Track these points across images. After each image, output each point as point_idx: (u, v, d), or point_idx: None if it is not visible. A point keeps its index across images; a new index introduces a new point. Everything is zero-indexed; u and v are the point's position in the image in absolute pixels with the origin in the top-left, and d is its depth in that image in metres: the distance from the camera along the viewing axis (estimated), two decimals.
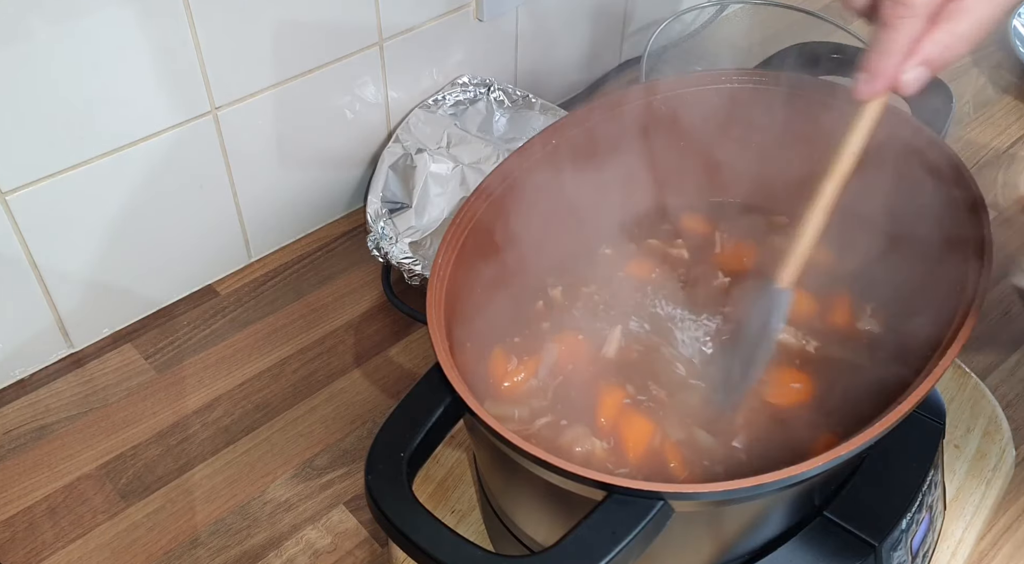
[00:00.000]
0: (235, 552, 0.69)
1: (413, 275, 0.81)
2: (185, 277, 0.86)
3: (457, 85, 0.93)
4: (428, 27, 0.88)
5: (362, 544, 0.70)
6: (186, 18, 0.72)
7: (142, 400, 0.78)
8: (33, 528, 0.70)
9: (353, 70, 0.85)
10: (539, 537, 0.55)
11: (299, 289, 0.88)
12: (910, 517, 0.55)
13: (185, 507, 0.72)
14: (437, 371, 0.49)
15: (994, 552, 0.68)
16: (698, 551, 0.53)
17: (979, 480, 0.66)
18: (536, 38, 0.99)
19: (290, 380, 0.80)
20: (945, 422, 0.60)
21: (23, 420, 0.77)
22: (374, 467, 0.47)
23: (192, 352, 0.82)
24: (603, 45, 1.07)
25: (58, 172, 0.72)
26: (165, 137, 0.76)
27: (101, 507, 0.72)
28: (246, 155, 0.82)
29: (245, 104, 0.79)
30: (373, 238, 0.82)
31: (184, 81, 0.75)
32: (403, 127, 0.90)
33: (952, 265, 0.52)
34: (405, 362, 0.82)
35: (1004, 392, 0.78)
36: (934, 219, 0.55)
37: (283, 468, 0.74)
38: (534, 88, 1.00)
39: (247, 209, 0.86)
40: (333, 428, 0.77)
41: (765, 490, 0.45)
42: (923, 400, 0.47)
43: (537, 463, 0.46)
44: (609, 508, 0.44)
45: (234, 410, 0.78)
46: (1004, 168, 0.99)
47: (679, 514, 0.45)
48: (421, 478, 0.67)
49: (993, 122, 1.04)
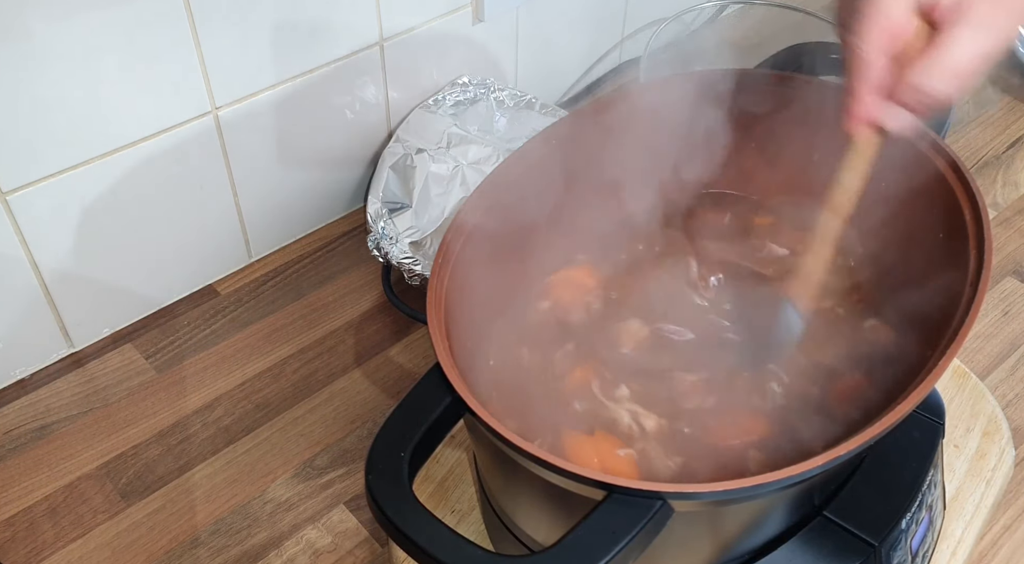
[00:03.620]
0: (235, 552, 0.69)
1: (413, 275, 0.81)
2: (185, 277, 0.86)
3: (457, 85, 0.93)
4: (428, 27, 0.88)
5: (362, 544, 0.70)
6: (186, 18, 0.72)
7: (142, 400, 0.79)
8: (33, 528, 0.70)
9: (353, 70, 0.85)
10: (539, 537, 0.55)
11: (299, 289, 0.88)
12: (910, 517, 0.55)
13: (185, 507, 0.72)
14: (437, 371, 0.49)
15: (994, 552, 0.68)
16: (698, 551, 0.53)
17: (979, 480, 0.66)
18: (536, 38, 0.99)
19: (290, 380, 0.80)
20: (945, 422, 0.60)
21: (23, 420, 0.77)
22: (374, 467, 0.47)
23: (192, 352, 0.82)
24: (603, 45, 1.07)
25: (58, 172, 0.72)
26: (165, 137, 0.76)
27: (101, 507, 0.72)
28: (246, 155, 0.82)
29: (245, 104, 0.79)
30: (373, 238, 0.82)
31: (184, 81, 0.75)
32: (403, 127, 0.90)
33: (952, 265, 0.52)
34: (405, 362, 0.82)
35: (1004, 392, 0.78)
36: (934, 219, 0.55)
37: (283, 468, 0.74)
38: (534, 88, 1.00)
39: (247, 209, 0.86)
40: (333, 428, 0.77)
41: (765, 490, 0.45)
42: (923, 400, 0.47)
43: (537, 463, 0.46)
44: (609, 508, 0.44)
45: (234, 410, 0.78)
46: (1004, 168, 0.99)
47: (679, 514, 0.45)
48: (421, 478, 0.67)
49: (993, 122, 1.04)
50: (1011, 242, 0.91)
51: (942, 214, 0.55)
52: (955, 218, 0.54)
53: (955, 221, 0.54)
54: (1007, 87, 1.09)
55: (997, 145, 1.02)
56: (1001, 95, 1.08)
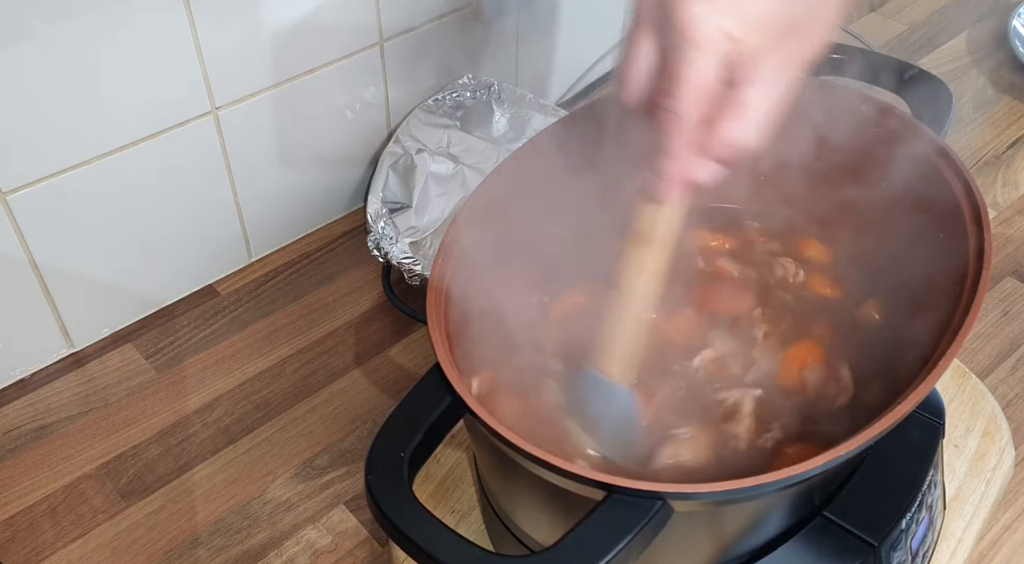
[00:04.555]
0: (235, 552, 0.69)
1: (413, 275, 0.81)
2: (185, 277, 0.86)
3: (457, 85, 0.93)
4: (428, 27, 0.88)
5: (362, 544, 0.70)
6: (186, 18, 0.72)
7: (142, 400, 0.79)
8: (33, 528, 0.70)
9: (353, 70, 0.85)
10: (539, 537, 0.55)
11: (299, 289, 0.88)
12: (910, 517, 0.55)
13: (185, 507, 0.72)
14: (437, 371, 0.49)
15: (994, 552, 0.68)
16: (698, 551, 0.53)
17: (979, 480, 0.66)
18: (536, 38, 0.99)
19: (290, 380, 0.80)
20: (945, 422, 0.60)
21: (23, 420, 0.77)
22: (374, 467, 0.47)
23: (192, 352, 0.82)
24: (603, 45, 1.07)
25: (58, 172, 0.72)
26: (165, 137, 0.76)
27: (101, 507, 0.72)
28: (246, 155, 0.82)
29: (245, 104, 0.79)
30: (373, 238, 0.82)
31: (184, 81, 0.75)
32: (403, 127, 0.90)
33: (952, 265, 0.52)
34: (405, 362, 0.82)
35: (1004, 392, 0.78)
36: (934, 219, 0.55)
37: (283, 468, 0.74)
38: (534, 88, 1.00)
39: (247, 209, 0.86)
40: (333, 428, 0.77)
41: (765, 490, 0.45)
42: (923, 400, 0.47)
43: (537, 463, 0.46)
44: (609, 508, 0.44)
45: (234, 410, 0.78)
46: (1004, 168, 0.99)
47: (679, 514, 0.45)
48: (421, 478, 0.67)
49: (993, 122, 1.04)
50: (1011, 242, 0.91)
51: (942, 214, 0.55)
52: (955, 218, 0.54)
53: (955, 221, 0.54)
54: (1007, 87, 1.09)
55: (997, 145, 1.02)
56: (1001, 95, 1.08)
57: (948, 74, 1.10)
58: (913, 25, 1.18)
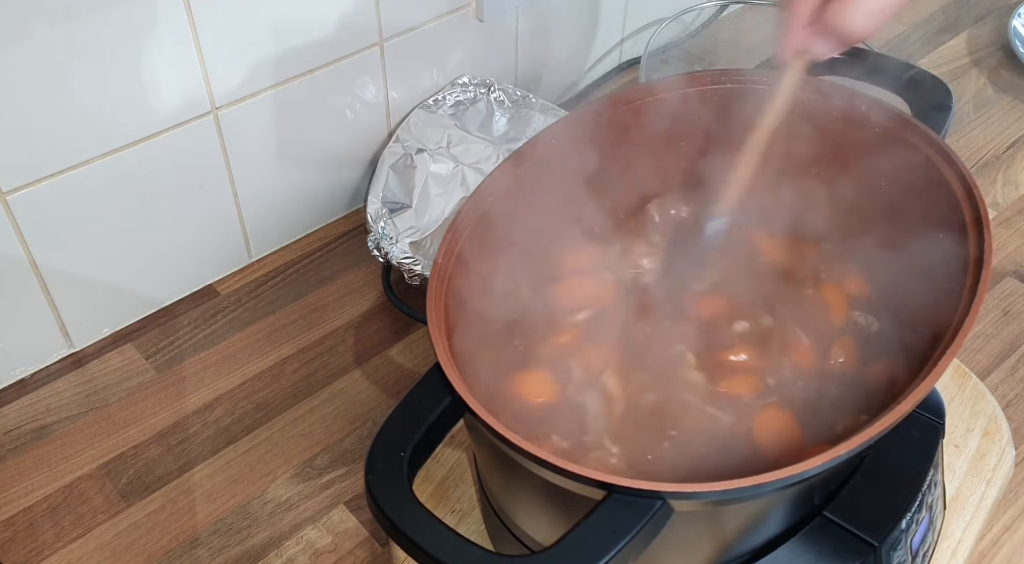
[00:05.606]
0: (235, 552, 0.69)
1: (413, 275, 0.81)
2: (185, 277, 0.86)
3: (457, 85, 0.93)
4: (428, 27, 0.88)
5: (362, 544, 0.70)
6: (186, 18, 0.72)
7: (142, 400, 0.79)
8: (33, 528, 0.70)
9: (353, 70, 0.85)
10: (539, 537, 0.55)
11: (299, 289, 0.88)
12: (910, 517, 0.55)
13: (185, 507, 0.72)
14: (437, 371, 0.49)
15: (994, 552, 0.68)
16: (698, 551, 0.53)
17: (979, 480, 0.66)
18: (536, 38, 0.99)
19: (290, 380, 0.80)
20: (945, 422, 0.60)
21: (23, 420, 0.77)
22: (374, 467, 0.47)
23: (192, 352, 0.82)
24: (603, 45, 1.07)
25: (58, 172, 0.72)
26: (165, 137, 0.76)
27: (101, 507, 0.72)
28: (246, 155, 0.82)
29: (245, 104, 0.79)
30: (373, 238, 0.82)
31: (184, 81, 0.75)
32: (403, 127, 0.90)
33: (952, 265, 0.52)
34: (405, 362, 0.82)
35: (1004, 392, 0.78)
36: (934, 219, 0.55)
37: (283, 468, 0.74)
38: (534, 88, 1.00)
39: (247, 209, 0.86)
40: (333, 428, 0.77)
41: (765, 489, 0.45)
42: (923, 400, 0.47)
43: (537, 463, 0.46)
44: (609, 508, 0.44)
45: (234, 410, 0.78)
46: (1004, 168, 0.99)
47: (679, 514, 0.45)
48: (421, 478, 0.67)
49: (993, 122, 1.04)
50: (1011, 242, 0.91)
51: (942, 214, 0.55)
52: (955, 218, 0.54)
53: (955, 221, 0.54)
54: (1007, 87, 1.09)
55: (997, 145, 1.02)
56: (1001, 95, 1.08)
57: (948, 74, 1.10)
58: (913, 25, 1.18)
